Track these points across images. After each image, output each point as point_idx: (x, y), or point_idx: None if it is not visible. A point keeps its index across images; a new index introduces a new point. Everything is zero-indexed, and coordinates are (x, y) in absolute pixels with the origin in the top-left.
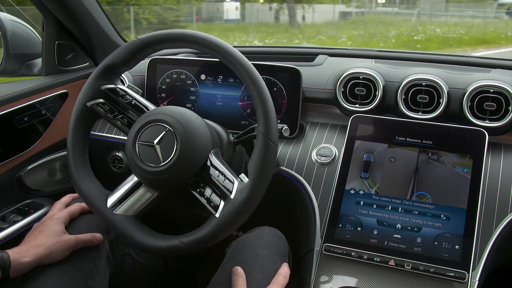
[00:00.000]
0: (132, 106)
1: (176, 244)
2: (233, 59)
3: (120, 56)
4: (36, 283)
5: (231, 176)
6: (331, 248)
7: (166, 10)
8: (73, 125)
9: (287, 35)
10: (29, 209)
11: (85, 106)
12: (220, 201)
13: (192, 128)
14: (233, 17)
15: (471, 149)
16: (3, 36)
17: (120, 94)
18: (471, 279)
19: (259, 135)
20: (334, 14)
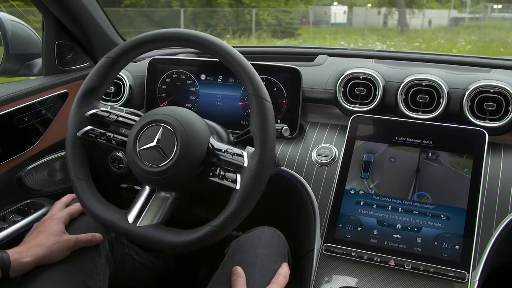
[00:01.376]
0: (120, 123)
1: (211, 230)
2: (209, 43)
3: (93, 78)
4: (36, 283)
5: (237, 150)
6: (331, 248)
7: (281, 12)
8: (71, 159)
9: (401, 39)
10: (29, 209)
11: (76, 137)
12: (236, 175)
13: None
14: (341, 20)
15: (471, 149)
16: (3, 36)
17: (104, 115)
18: (471, 279)
19: (251, 97)
20: (448, 19)
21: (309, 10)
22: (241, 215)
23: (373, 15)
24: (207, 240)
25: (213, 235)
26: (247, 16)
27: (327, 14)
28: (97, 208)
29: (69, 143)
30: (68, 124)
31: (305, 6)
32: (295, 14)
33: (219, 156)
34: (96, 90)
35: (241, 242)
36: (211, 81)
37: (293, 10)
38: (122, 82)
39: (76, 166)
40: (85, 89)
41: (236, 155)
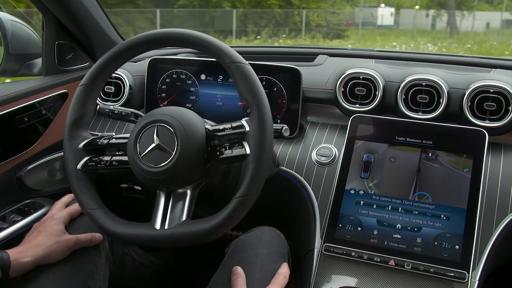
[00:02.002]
0: (113, 145)
1: (238, 201)
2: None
3: (74, 110)
4: (36, 283)
5: (235, 123)
6: (331, 248)
7: (330, 13)
8: (79, 193)
9: (451, 41)
10: (29, 209)
11: (77, 171)
12: (242, 143)
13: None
14: (387, 23)
15: (471, 149)
16: (3, 36)
17: (97, 142)
18: (471, 279)
19: (229, 66)
20: (501, 21)
21: (355, 12)
22: (261, 176)
23: (421, 17)
24: (239, 213)
25: (242, 205)
26: (296, 17)
27: (374, 16)
28: (122, 229)
29: (72, 178)
30: (65, 160)
31: (351, 8)
32: (343, 16)
33: (219, 135)
34: (80, 120)
35: (241, 242)
36: (211, 81)
37: (340, 12)
38: (122, 82)
39: (86, 198)
40: (70, 123)
41: (235, 127)
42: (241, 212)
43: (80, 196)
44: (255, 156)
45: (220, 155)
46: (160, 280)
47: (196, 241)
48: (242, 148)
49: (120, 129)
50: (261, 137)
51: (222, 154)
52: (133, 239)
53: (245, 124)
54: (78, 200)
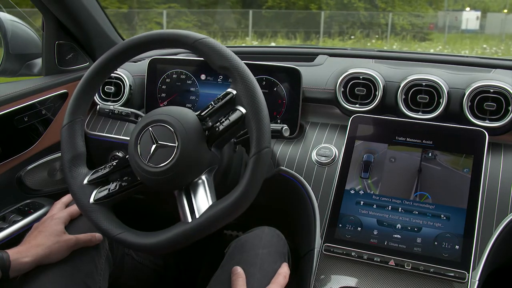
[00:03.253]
0: (116, 168)
1: (254, 159)
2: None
3: (65, 150)
4: (36, 283)
5: (220, 96)
6: (331, 248)
7: (414, 17)
8: (101, 224)
9: None
10: (29, 209)
11: (90, 205)
12: (236, 108)
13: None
14: (472, 27)
15: (471, 149)
16: (3, 36)
17: (100, 174)
18: (471, 279)
19: (194, 46)
20: None
21: (438, 15)
22: (266, 129)
23: (509, 21)
24: (261, 168)
25: (261, 159)
26: (381, 20)
27: (458, 20)
28: (157, 239)
29: (88, 213)
30: (75, 198)
31: (434, 11)
32: (427, 19)
33: (210, 112)
34: (75, 158)
35: (241, 242)
36: (211, 81)
37: (425, 15)
38: (122, 82)
39: (109, 226)
40: (67, 163)
41: (221, 97)
42: (263, 168)
43: (103, 226)
44: (253, 111)
45: (219, 129)
46: (160, 280)
47: (230, 214)
48: (237, 111)
49: (120, 129)
50: (252, 93)
51: (221, 124)
52: (173, 241)
53: (231, 90)
54: (102, 231)
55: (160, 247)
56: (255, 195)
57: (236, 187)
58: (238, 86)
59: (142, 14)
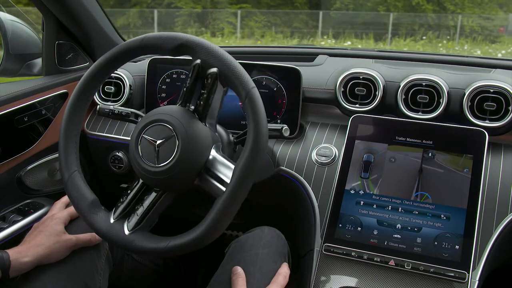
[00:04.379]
0: (134, 196)
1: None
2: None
3: (79, 203)
4: (36, 283)
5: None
6: (331, 248)
7: (484, 19)
8: (146, 252)
9: None
10: (29, 209)
11: (129, 237)
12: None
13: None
14: None
15: (471, 149)
16: (3, 36)
17: (124, 207)
18: (471, 279)
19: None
20: None
21: (509, 18)
22: (243, 72)
23: None
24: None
25: (255, 94)
26: (450, 22)
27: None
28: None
29: (128, 245)
30: (111, 239)
31: (506, 14)
32: (498, 22)
33: (185, 94)
34: (92, 207)
35: (241, 242)
36: None
37: (495, 17)
38: (122, 82)
39: (156, 244)
40: (86, 214)
41: (190, 75)
42: (261, 107)
43: (148, 247)
44: (222, 66)
45: (203, 102)
46: (160, 280)
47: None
48: (209, 75)
49: (120, 129)
50: (214, 53)
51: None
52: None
53: (194, 63)
54: (152, 253)
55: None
56: (265, 145)
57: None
58: (198, 54)
59: (214, 14)
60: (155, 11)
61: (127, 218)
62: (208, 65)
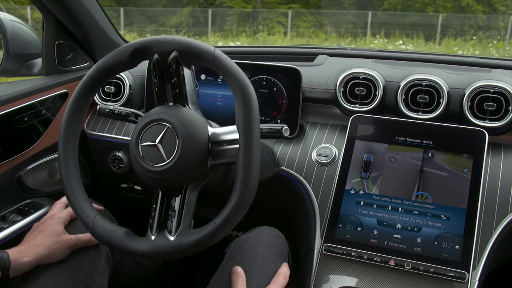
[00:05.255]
0: (161, 210)
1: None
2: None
3: (113, 239)
4: (36, 283)
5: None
6: (331, 248)
7: None
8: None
9: None
10: (29, 209)
11: (174, 242)
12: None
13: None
14: None
15: (471, 149)
16: (3, 36)
17: (157, 222)
18: (471, 279)
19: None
20: None
21: None
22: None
23: None
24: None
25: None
26: (500, 23)
27: None
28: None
29: (177, 250)
30: (158, 255)
31: None
32: None
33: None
34: (127, 238)
35: (241, 242)
36: (211, 81)
37: None
38: (122, 82)
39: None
40: (125, 248)
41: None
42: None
43: (198, 240)
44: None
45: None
46: (160, 280)
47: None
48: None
49: (120, 129)
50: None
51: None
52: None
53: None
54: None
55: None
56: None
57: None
58: (153, 50)
59: (264, 14)
60: (209, 10)
61: (165, 228)
62: (165, 55)
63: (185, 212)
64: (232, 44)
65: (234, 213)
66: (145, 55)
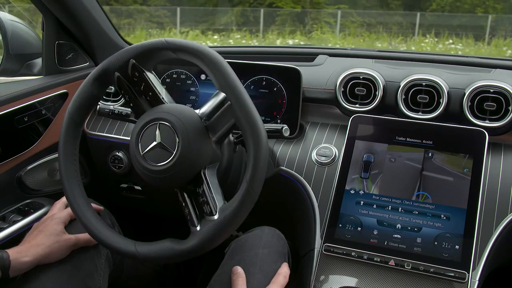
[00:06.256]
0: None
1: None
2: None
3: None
4: (36, 283)
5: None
6: (331, 248)
7: None
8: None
9: None
10: (29, 209)
11: (197, 230)
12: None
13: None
14: None
15: (471, 149)
16: (3, 36)
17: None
18: (471, 279)
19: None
20: None
21: None
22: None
23: None
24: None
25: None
26: None
27: None
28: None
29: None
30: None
31: None
32: None
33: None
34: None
35: (241, 242)
36: (211, 81)
37: None
38: None
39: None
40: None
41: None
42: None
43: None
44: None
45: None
46: (160, 280)
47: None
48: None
49: (120, 129)
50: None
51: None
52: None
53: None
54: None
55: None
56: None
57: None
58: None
59: (313, 14)
60: (261, 10)
61: (204, 214)
62: (124, 68)
63: (214, 192)
64: (291, 42)
65: (258, 162)
66: (108, 79)
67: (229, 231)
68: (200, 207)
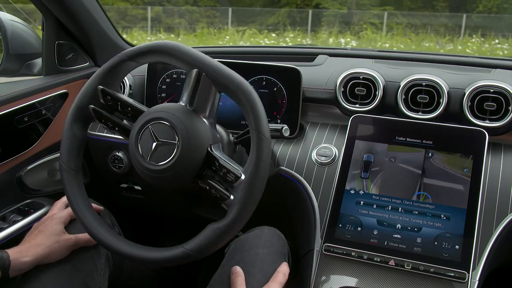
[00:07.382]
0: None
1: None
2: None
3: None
4: (36, 283)
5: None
6: (331, 248)
7: None
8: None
9: None
10: (29, 209)
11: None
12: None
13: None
14: None
15: (471, 149)
16: (3, 36)
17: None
18: (471, 279)
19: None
20: None
21: None
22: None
23: None
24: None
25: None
26: None
27: None
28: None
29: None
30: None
31: None
32: None
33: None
34: None
35: (241, 242)
36: None
37: None
38: (122, 82)
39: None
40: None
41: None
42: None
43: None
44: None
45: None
46: (160, 280)
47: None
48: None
49: None
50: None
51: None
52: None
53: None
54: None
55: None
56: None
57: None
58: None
59: (358, 15)
60: (309, 11)
61: (230, 183)
62: (95, 99)
63: (229, 161)
64: (343, 40)
65: (257, 111)
66: (85, 115)
67: (260, 185)
68: (223, 179)
